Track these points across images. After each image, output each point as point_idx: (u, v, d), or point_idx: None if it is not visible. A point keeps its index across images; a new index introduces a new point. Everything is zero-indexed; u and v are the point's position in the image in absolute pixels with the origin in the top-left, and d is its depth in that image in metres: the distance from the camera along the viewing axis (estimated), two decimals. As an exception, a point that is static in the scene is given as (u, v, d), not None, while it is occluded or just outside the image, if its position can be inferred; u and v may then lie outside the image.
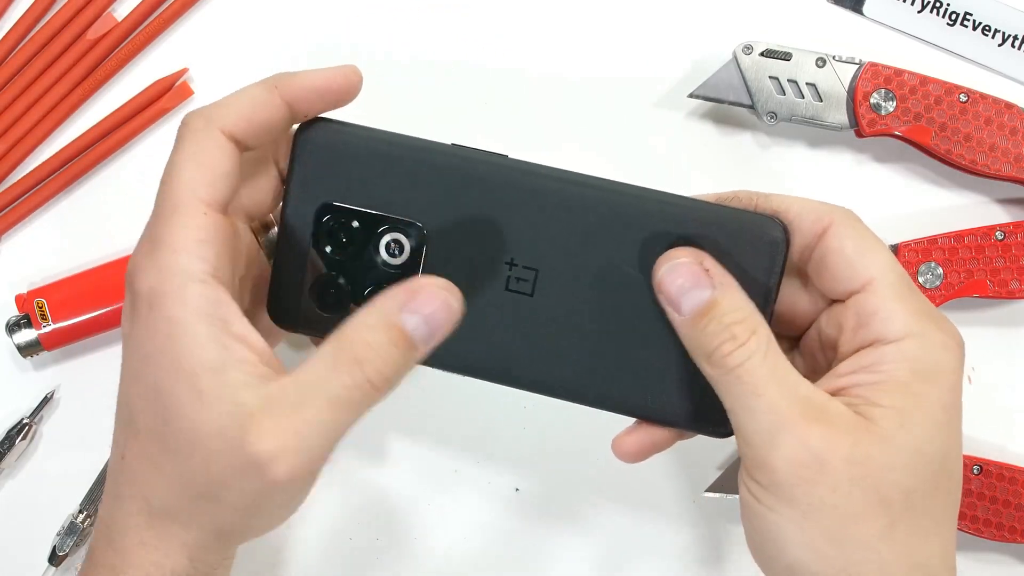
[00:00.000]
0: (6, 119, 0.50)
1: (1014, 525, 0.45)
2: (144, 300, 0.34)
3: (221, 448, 0.33)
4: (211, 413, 0.33)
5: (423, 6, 0.51)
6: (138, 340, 0.34)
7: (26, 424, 0.49)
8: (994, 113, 0.48)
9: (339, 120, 0.38)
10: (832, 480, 0.33)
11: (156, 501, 0.35)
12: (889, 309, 0.35)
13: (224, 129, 0.36)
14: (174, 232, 0.34)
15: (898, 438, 0.34)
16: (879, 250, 0.36)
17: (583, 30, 0.51)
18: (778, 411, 0.34)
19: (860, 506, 0.33)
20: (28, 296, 0.48)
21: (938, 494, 0.35)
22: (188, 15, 0.51)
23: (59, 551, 0.48)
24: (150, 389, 0.34)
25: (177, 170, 0.35)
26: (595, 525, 0.49)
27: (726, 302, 0.35)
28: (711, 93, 0.49)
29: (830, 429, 0.33)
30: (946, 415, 0.34)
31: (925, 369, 0.35)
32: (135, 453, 0.35)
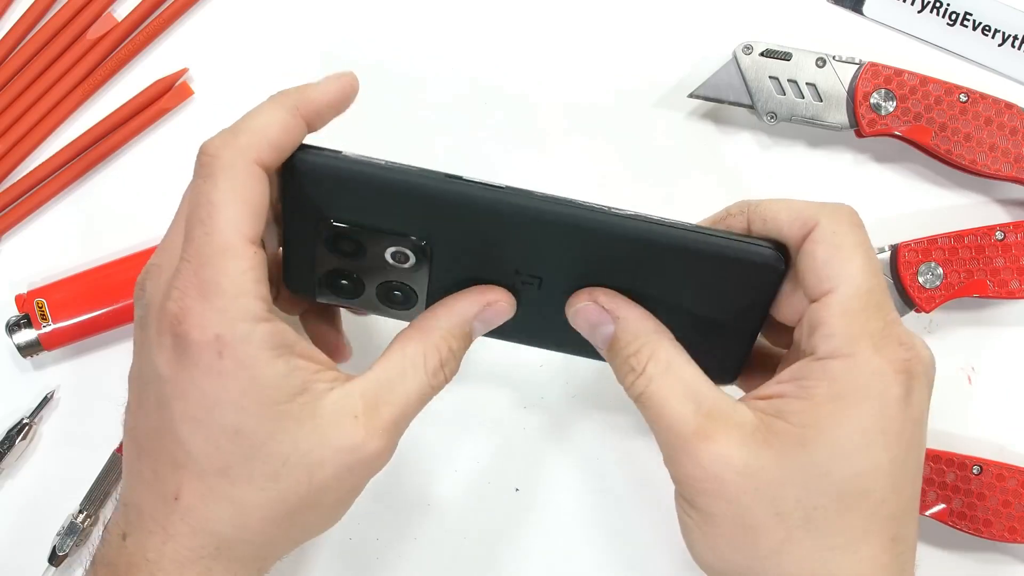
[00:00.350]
0: (6, 119, 0.50)
1: (1014, 525, 0.45)
2: (209, 348, 0.34)
3: (330, 458, 0.36)
4: (316, 435, 0.36)
5: (423, 5, 0.51)
6: (202, 387, 0.35)
7: (26, 424, 0.49)
8: (994, 113, 0.48)
9: (327, 148, 0.38)
10: (729, 493, 0.35)
11: (229, 532, 0.36)
12: (831, 325, 0.35)
13: (258, 160, 0.36)
14: (231, 276, 0.34)
15: (797, 456, 0.35)
16: (850, 259, 0.35)
17: (583, 30, 0.51)
18: (675, 431, 0.36)
19: (757, 518, 0.35)
20: (28, 296, 0.48)
21: (850, 515, 0.35)
22: (188, 15, 0.51)
23: (59, 551, 0.48)
24: (225, 431, 0.35)
25: (218, 209, 0.35)
26: (595, 525, 0.49)
27: (622, 336, 0.38)
28: (711, 93, 0.49)
29: (726, 444, 0.35)
30: (864, 439, 0.34)
31: (845, 392, 0.35)
32: (197, 493, 0.36)
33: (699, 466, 0.35)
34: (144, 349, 0.37)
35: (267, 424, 0.35)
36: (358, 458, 0.36)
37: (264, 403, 0.35)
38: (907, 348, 0.35)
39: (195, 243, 0.35)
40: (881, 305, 0.35)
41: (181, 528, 0.36)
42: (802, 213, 0.37)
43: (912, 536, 0.37)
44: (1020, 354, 0.50)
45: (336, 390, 0.37)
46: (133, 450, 0.38)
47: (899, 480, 0.35)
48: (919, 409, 0.35)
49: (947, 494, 0.46)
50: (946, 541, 0.48)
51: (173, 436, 0.36)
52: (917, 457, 0.36)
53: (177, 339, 0.35)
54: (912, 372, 0.35)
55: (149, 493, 0.37)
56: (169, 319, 0.35)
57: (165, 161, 0.51)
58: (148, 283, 0.37)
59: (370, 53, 0.51)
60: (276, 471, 0.36)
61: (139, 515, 0.37)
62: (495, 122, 0.51)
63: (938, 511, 0.46)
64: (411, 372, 0.38)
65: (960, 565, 0.49)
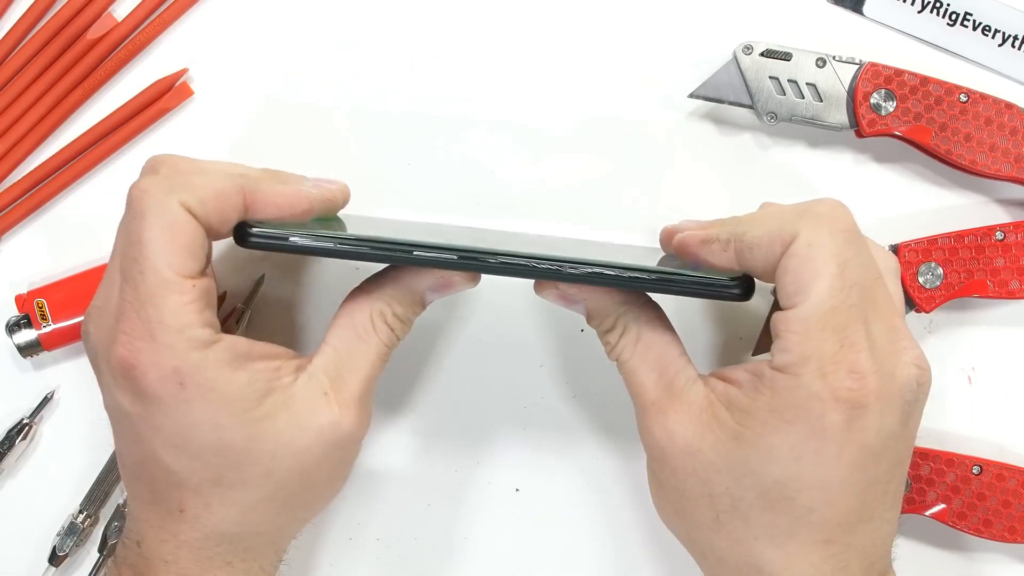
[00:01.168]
0: (6, 119, 0.50)
1: (1014, 525, 0.45)
2: (168, 382, 0.35)
3: (314, 442, 0.37)
4: (294, 424, 0.37)
5: (423, 5, 0.51)
6: (173, 417, 0.36)
7: (26, 424, 0.49)
8: (994, 113, 0.48)
9: (270, 225, 0.38)
10: (672, 465, 0.38)
11: (238, 529, 0.38)
12: (787, 339, 0.36)
13: (184, 206, 0.36)
14: (173, 311, 0.35)
15: (730, 449, 0.36)
16: (818, 275, 0.35)
17: (583, 31, 0.51)
18: (639, 400, 0.40)
19: (693, 493, 0.38)
20: (28, 296, 0.48)
21: (774, 514, 0.36)
22: (188, 15, 0.51)
23: (59, 551, 0.48)
24: (207, 449, 0.36)
25: (149, 248, 0.35)
26: (596, 526, 0.49)
27: (595, 313, 0.40)
28: (711, 93, 0.49)
29: (675, 420, 0.38)
30: (792, 452, 0.35)
31: (783, 408, 0.36)
32: (199, 505, 0.37)
33: (651, 435, 0.39)
34: (104, 389, 0.38)
35: (246, 431, 0.36)
36: (339, 432, 0.38)
37: (237, 414, 0.36)
38: (857, 377, 0.35)
39: (132, 283, 0.35)
40: (842, 327, 0.35)
41: (191, 534, 0.37)
42: (784, 229, 0.37)
43: (862, 544, 0.37)
44: (1020, 354, 0.50)
45: (300, 377, 0.38)
46: (127, 474, 0.39)
47: (835, 496, 0.36)
48: (874, 436, 0.36)
49: (947, 494, 0.46)
50: (946, 541, 0.48)
51: (158, 464, 0.37)
52: (867, 478, 0.36)
53: (133, 382, 0.36)
54: (857, 402, 0.35)
55: (153, 511, 0.38)
56: (121, 364, 0.36)
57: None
58: (91, 326, 0.38)
59: (370, 53, 0.51)
60: (267, 468, 0.37)
61: (148, 526, 0.38)
62: (495, 122, 0.50)
63: (938, 511, 0.46)
64: (363, 337, 0.39)
65: (960, 565, 0.49)
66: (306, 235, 0.37)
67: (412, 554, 0.49)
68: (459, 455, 0.49)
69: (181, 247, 0.36)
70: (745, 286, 0.38)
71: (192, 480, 0.37)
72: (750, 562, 0.37)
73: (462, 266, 0.38)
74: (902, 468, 0.38)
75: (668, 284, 0.38)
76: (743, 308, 0.49)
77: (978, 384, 0.50)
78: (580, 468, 0.49)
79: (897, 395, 0.36)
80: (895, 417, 0.36)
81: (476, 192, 0.50)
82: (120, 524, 0.48)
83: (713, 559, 0.39)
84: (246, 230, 0.37)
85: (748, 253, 0.38)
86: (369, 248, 0.37)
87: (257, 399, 0.37)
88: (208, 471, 0.37)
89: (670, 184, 0.50)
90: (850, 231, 0.37)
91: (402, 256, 0.37)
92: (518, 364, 0.50)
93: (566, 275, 0.38)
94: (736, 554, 0.37)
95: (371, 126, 0.51)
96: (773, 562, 0.37)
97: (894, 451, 0.37)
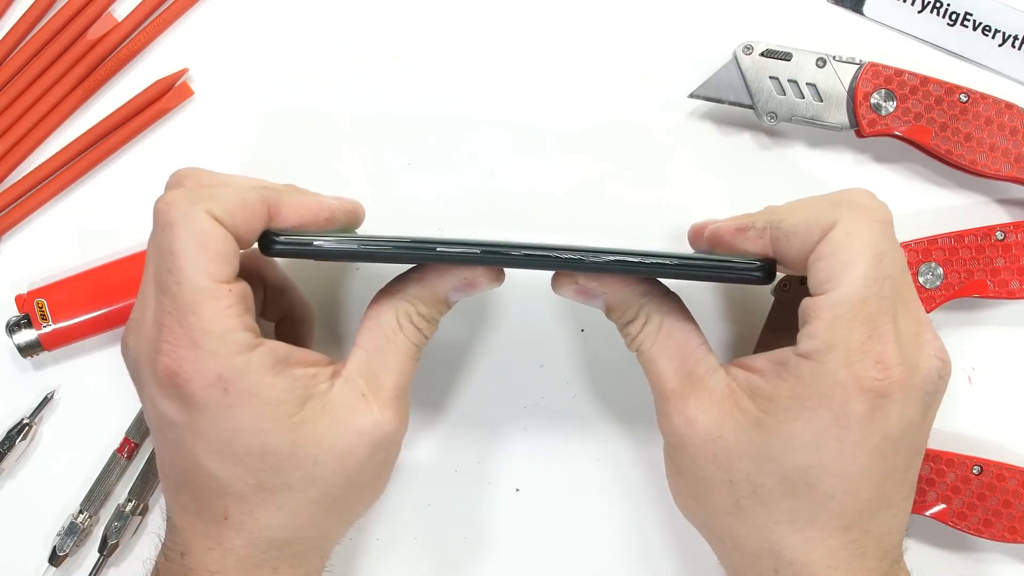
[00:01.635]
0: (6, 119, 0.50)
1: (1014, 525, 0.45)
2: (213, 389, 0.36)
3: (356, 444, 0.38)
4: (335, 428, 0.38)
5: (424, 5, 0.51)
6: (217, 423, 0.36)
7: (26, 424, 0.49)
8: (994, 113, 0.48)
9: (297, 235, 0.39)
10: (692, 452, 0.38)
11: (284, 535, 0.38)
12: (815, 326, 0.36)
13: (211, 214, 0.36)
14: (213, 318, 0.36)
15: (752, 436, 0.37)
16: (853, 264, 0.35)
17: (583, 31, 0.51)
18: (659, 389, 0.40)
19: (713, 479, 0.38)
20: (28, 296, 0.48)
21: (795, 500, 0.37)
22: (188, 15, 0.51)
23: (59, 551, 0.48)
24: (251, 455, 0.36)
25: (182, 258, 0.36)
26: (596, 526, 0.49)
27: (616, 306, 0.40)
28: (711, 93, 0.49)
29: (695, 408, 0.38)
30: (814, 440, 0.36)
31: (807, 395, 0.36)
32: (244, 511, 0.37)
33: (671, 423, 0.39)
34: (148, 400, 0.38)
35: (288, 436, 0.37)
36: (381, 432, 0.38)
37: (279, 419, 0.37)
38: (882, 368, 0.35)
39: (169, 294, 0.36)
40: (872, 317, 0.35)
41: (237, 541, 0.37)
42: (822, 217, 0.37)
43: (879, 531, 0.37)
44: (1020, 354, 0.50)
45: (336, 383, 0.38)
46: (170, 484, 0.39)
47: (855, 483, 0.36)
48: (895, 425, 0.36)
49: (947, 494, 0.46)
50: (946, 541, 0.48)
51: (202, 471, 0.37)
52: (887, 467, 0.37)
53: (177, 389, 0.36)
54: (882, 392, 0.35)
55: (197, 519, 0.38)
56: (166, 373, 0.36)
57: (165, 161, 0.51)
58: (130, 339, 0.39)
59: (370, 53, 0.51)
60: (310, 472, 0.37)
61: (192, 536, 0.38)
62: (495, 122, 0.50)
63: (938, 511, 0.46)
64: (392, 337, 0.39)
65: (960, 566, 0.49)
66: (330, 239, 0.38)
67: (412, 554, 0.49)
68: (459, 455, 0.49)
69: (214, 254, 0.36)
70: (767, 268, 0.38)
71: (236, 486, 0.37)
72: (770, 548, 0.37)
73: (485, 260, 0.37)
74: (919, 457, 0.39)
75: (691, 269, 0.38)
76: (746, 308, 0.49)
77: (978, 384, 0.50)
78: (580, 468, 0.49)
79: (919, 387, 0.37)
80: (916, 408, 0.37)
81: (476, 192, 0.50)
82: (120, 524, 0.48)
83: (731, 544, 0.39)
84: (271, 238, 0.38)
85: (784, 241, 0.38)
86: (393, 248, 0.37)
87: (298, 404, 0.37)
88: (252, 476, 0.37)
89: (670, 184, 0.50)
90: (887, 223, 0.37)
91: (426, 253, 0.37)
92: (518, 364, 0.50)
93: (589, 264, 0.37)
94: (755, 539, 0.38)
95: (371, 126, 0.51)
96: (792, 547, 0.37)
97: (913, 440, 0.37)
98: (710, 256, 0.39)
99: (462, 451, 0.49)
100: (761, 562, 0.38)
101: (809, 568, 0.37)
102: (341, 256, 0.38)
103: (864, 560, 0.37)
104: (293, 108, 0.51)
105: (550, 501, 0.49)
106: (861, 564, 0.37)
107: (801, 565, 0.37)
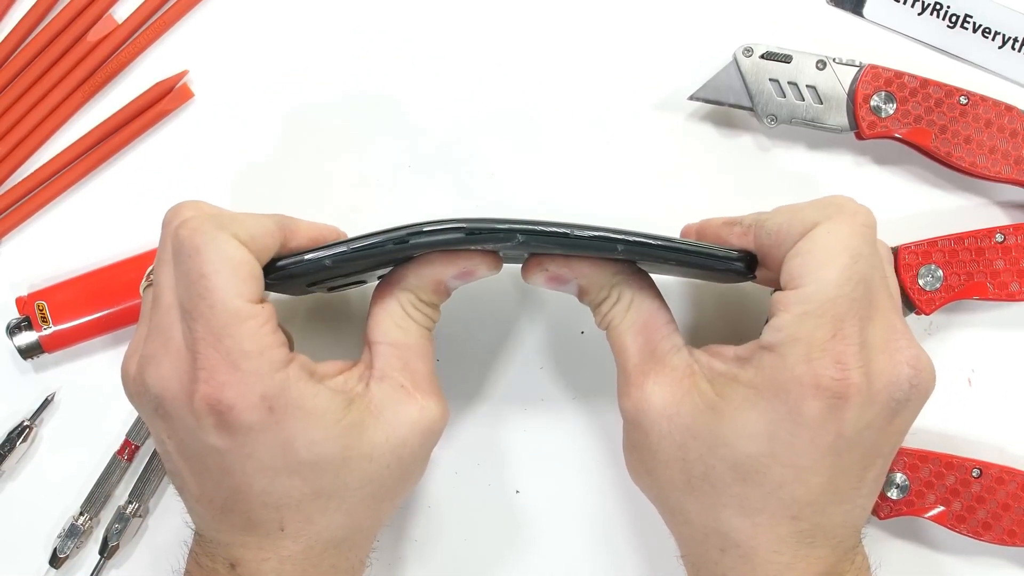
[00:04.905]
0: (7, 121, 0.50)
1: (1013, 528, 0.45)
2: (258, 409, 0.36)
3: (409, 434, 0.38)
4: (383, 423, 0.38)
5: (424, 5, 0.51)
6: (266, 443, 0.36)
7: (27, 426, 0.49)
8: (994, 115, 0.48)
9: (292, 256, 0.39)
10: (646, 426, 0.39)
11: (343, 533, 0.38)
12: (782, 318, 0.36)
13: (236, 237, 0.37)
14: (249, 337, 0.36)
15: (707, 419, 0.37)
16: (830, 263, 0.36)
17: (583, 33, 0.51)
18: (623, 364, 0.40)
19: (666, 455, 0.38)
20: (29, 298, 0.48)
21: (745, 486, 0.37)
22: (188, 17, 0.51)
23: (60, 553, 0.48)
24: (304, 466, 0.37)
25: (213, 281, 0.36)
26: (596, 528, 0.49)
27: (589, 288, 0.40)
28: (711, 95, 0.49)
29: (654, 383, 0.39)
30: (767, 430, 0.36)
31: (764, 386, 0.36)
32: (302, 519, 0.37)
33: (629, 397, 0.39)
34: (179, 432, 0.38)
35: (340, 442, 0.37)
36: (430, 417, 0.39)
37: (328, 428, 0.37)
38: (841, 368, 0.35)
39: (202, 319, 0.36)
40: (839, 317, 0.35)
41: (294, 548, 0.37)
42: (806, 217, 0.37)
43: (831, 523, 0.37)
44: (1020, 356, 0.50)
45: (372, 381, 0.39)
46: (213, 510, 0.38)
47: (806, 476, 0.36)
48: (851, 427, 0.36)
49: (946, 496, 0.46)
50: (945, 543, 0.48)
51: (254, 490, 0.37)
52: (841, 464, 0.37)
53: (220, 416, 0.36)
54: (838, 393, 0.35)
55: (251, 535, 0.38)
56: (206, 400, 0.36)
57: (166, 163, 0.51)
58: (148, 378, 0.38)
59: (370, 54, 0.51)
60: (366, 470, 0.38)
61: (244, 549, 0.38)
62: (494, 123, 0.51)
63: (937, 513, 0.46)
64: (403, 326, 0.40)
65: (959, 568, 0.49)
66: (319, 251, 0.38)
67: (412, 555, 0.49)
68: (459, 457, 0.49)
69: (244, 275, 0.36)
70: (748, 260, 0.39)
71: (292, 499, 0.37)
72: (717, 528, 0.38)
73: (472, 237, 0.37)
74: (883, 460, 0.39)
75: (674, 251, 0.38)
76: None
77: (978, 386, 0.50)
78: (580, 470, 0.49)
79: (883, 392, 0.36)
80: (878, 413, 0.37)
81: (476, 193, 0.50)
82: (121, 526, 0.48)
83: (682, 519, 0.40)
84: (273, 263, 0.39)
85: (767, 239, 0.38)
86: (381, 236, 0.37)
87: (343, 409, 0.37)
88: (307, 487, 0.37)
89: (670, 186, 0.50)
90: (869, 227, 0.37)
91: (414, 234, 0.37)
92: (518, 366, 0.50)
93: (574, 238, 0.37)
94: (704, 519, 0.38)
95: (371, 128, 0.51)
96: (739, 530, 0.37)
97: (873, 443, 0.37)
98: (694, 241, 0.40)
99: (462, 453, 0.49)
100: (708, 540, 0.38)
101: (755, 551, 0.37)
102: (329, 260, 0.38)
103: (813, 548, 0.37)
104: (293, 110, 0.51)
105: (550, 503, 0.49)
106: (809, 552, 0.37)
107: (747, 548, 0.37)
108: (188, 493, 0.39)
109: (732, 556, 0.38)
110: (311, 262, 0.38)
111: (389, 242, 0.37)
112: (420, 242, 0.37)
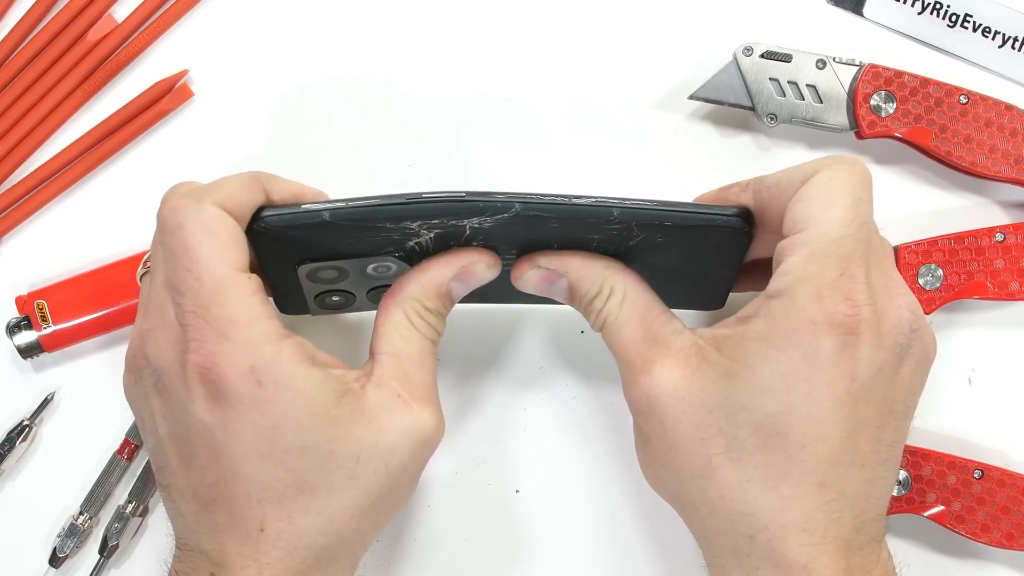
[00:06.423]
0: (7, 121, 0.51)
1: (1012, 532, 0.45)
2: (246, 381, 0.35)
3: (399, 442, 0.38)
4: (375, 425, 0.37)
5: (425, 6, 0.51)
6: (253, 420, 0.35)
7: (26, 426, 0.49)
8: (994, 115, 0.48)
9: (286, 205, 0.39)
10: (659, 414, 0.37)
11: (323, 540, 0.37)
12: (789, 262, 0.36)
13: (218, 204, 0.37)
14: (238, 306, 0.35)
15: (721, 386, 0.36)
16: (832, 206, 0.36)
17: (583, 32, 0.51)
18: (625, 357, 0.39)
19: (683, 439, 0.37)
20: (28, 298, 0.48)
21: (768, 452, 0.36)
22: (188, 17, 0.51)
23: (59, 553, 0.48)
24: (290, 452, 0.36)
25: (198, 252, 0.36)
26: (596, 528, 0.49)
27: (579, 285, 0.40)
28: (711, 95, 0.49)
29: (661, 368, 0.38)
30: (784, 382, 0.35)
31: (775, 333, 0.36)
32: (283, 517, 0.36)
33: (638, 387, 0.38)
34: (173, 410, 0.37)
35: (327, 431, 0.36)
36: (425, 429, 0.38)
37: (318, 413, 0.36)
38: (852, 304, 0.35)
39: (191, 292, 0.35)
40: (846, 257, 0.35)
41: (274, 554, 0.37)
42: (804, 169, 0.37)
43: (852, 490, 0.36)
44: (1020, 356, 0.50)
45: (368, 386, 0.38)
46: (196, 505, 0.38)
47: (826, 429, 0.36)
48: (865, 368, 0.35)
49: (947, 496, 0.46)
50: (944, 544, 0.48)
51: (240, 476, 0.36)
52: (857, 416, 0.36)
53: (211, 385, 0.35)
54: (851, 329, 0.35)
55: (230, 536, 0.37)
56: (196, 370, 0.35)
57: (166, 163, 0.51)
58: (148, 349, 0.38)
59: (370, 54, 0.51)
60: (351, 470, 0.37)
61: (224, 555, 0.37)
62: (495, 124, 0.51)
63: (937, 512, 0.46)
64: (407, 336, 0.39)
65: (958, 569, 0.49)
66: (316, 203, 0.38)
67: (412, 555, 0.49)
68: (459, 457, 0.49)
69: (227, 240, 0.36)
70: (746, 215, 0.39)
71: (275, 489, 0.36)
72: (744, 510, 0.36)
73: (469, 205, 0.37)
74: (896, 419, 0.38)
75: (671, 213, 0.38)
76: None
77: (978, 386, 0.49)
78: (580, 470, 0.49)
79: (889, 333, 0.36)
80: (887, 356, 0.36)
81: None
82: (121, 525, 0.48)
83: (705, 510, 0.38)
84: (261, 210, 0.38)
85: (766, 191, 0.38)
86: (379, 200, 0.37)
87: (335, 399, 0.37)
88: (291, 476, 0.36)
89: (670, 185, 0.50)
90: (866, 177, 0.37)
91: (414, 200, 0.37)
92: (518, 366, 0.50)
93: (571, 207, 0.37)
94: (729, 503, 0.37)
95: (372, 127, 0.51)
96: (767, 508, 0.36)
97: (885, 392, 0.37)
98: (689, 202, 0.40)
99: (462, 453, 0.49)
100: (736, 528, 0.37)
101: (784, 531, 0.36)
102: (327, 217, 0.37)
103: (840, 527, 0.36)
104: (293, 110, 0.51)
105: (551, 503, 0.49)
106: (838, 531, 0.36)
107: (777, 528, 0.36)
108: (174, 488, 0.38)
109: (761, 543, 0.36)
110: (307, 213, 0.37)
111: (389, 204, 0.37)
112: (419, 207, 0.37)
